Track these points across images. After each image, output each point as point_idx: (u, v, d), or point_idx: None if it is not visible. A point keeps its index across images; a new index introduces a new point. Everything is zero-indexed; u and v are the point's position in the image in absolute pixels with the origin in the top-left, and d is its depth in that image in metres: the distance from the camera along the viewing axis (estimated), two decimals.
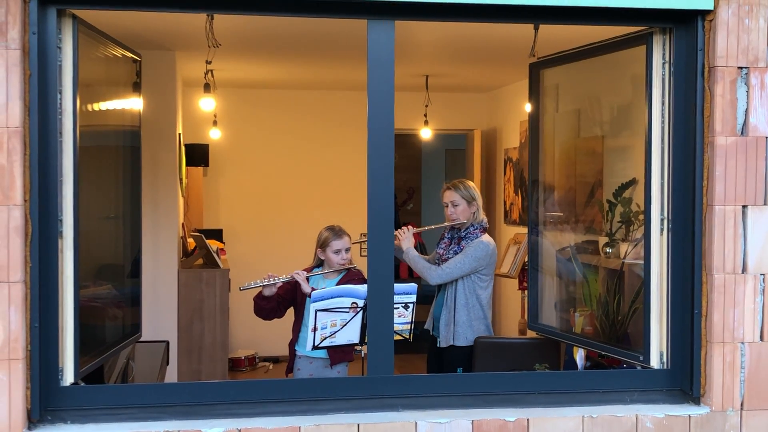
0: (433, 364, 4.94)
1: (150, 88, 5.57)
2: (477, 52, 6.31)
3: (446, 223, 4.87)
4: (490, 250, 4.75)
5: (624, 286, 3.97)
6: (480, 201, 4.86)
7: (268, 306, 4.49)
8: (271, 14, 2.90)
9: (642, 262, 3.27)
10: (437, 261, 4.87)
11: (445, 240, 4.92)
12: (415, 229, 4.92)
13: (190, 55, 6.52)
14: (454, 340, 4.73)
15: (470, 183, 4.90)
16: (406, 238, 4.77)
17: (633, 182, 3.86)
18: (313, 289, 4.30)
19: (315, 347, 3.98)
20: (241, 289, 4.53)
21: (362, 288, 3.92)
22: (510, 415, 2.92)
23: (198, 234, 7.22)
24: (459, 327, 4.72)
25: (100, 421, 2.78)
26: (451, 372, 4.72)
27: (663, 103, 3.11)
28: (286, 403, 2.90)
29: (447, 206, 4.82)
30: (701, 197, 3.00)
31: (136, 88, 3.79)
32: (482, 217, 4.85)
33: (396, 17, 2.90)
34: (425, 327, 4.97)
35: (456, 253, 4.75)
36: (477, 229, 4.80)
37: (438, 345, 4.82)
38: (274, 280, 4.42)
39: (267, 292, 4.44)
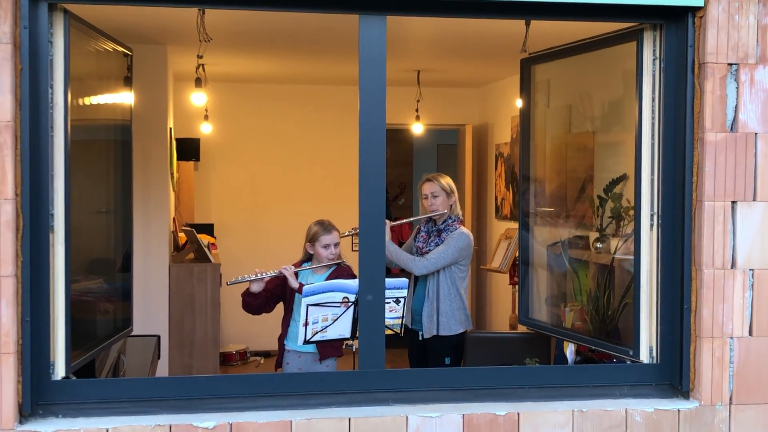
0: (416, 357, 5.01)
1: (141, 83, 5.56)
2: (469, 47, 6.31)
3: (426, 215, 4.93)
4: (470, 240, 4.91)
5: (614, 281, 3.99)
6: (456, 194, 4.97)
7: (256, 302, 4.48)
8: (263, 9, 2.90)
9: (632, 257, 3.29)
10: (416, 254, 4.94)
11: (423, 233, 5.00)
12: (393, 222, 4.98)
13: (181, 50, 6.50)
14: (438, 331, 4.82)
15: (447, 177, 5.01)
16: None
17: (623, 178, 3.87)
18: (301, 285, 4.31)
19: (306, 341, 3.99)
20: (228, 284, 4.53)
21: (353, 283, 3.92)
22: (500, 409, 2.94)
23: (189, 228, 7.21)
24: (442, 317, 4.82)
25: (92, 415, 2.78)
26: (437, 362, 4.83)
27: (653, 99, 3.12)
28: (277, 398, 2.91)
29: (426, 198, 4.92)
30: (691, 193, 3.01)
31: (127, 82, 3.79)
32: (459, 209, 4.98)
33: (388, 12, 2.91)
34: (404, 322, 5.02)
35: (437, 245, 4.84)
36: (455, 221, 4.92)
37: (420, 337, 4.89)
38: (261, 275, 4.41)
39: (255, 288, 4.43)
